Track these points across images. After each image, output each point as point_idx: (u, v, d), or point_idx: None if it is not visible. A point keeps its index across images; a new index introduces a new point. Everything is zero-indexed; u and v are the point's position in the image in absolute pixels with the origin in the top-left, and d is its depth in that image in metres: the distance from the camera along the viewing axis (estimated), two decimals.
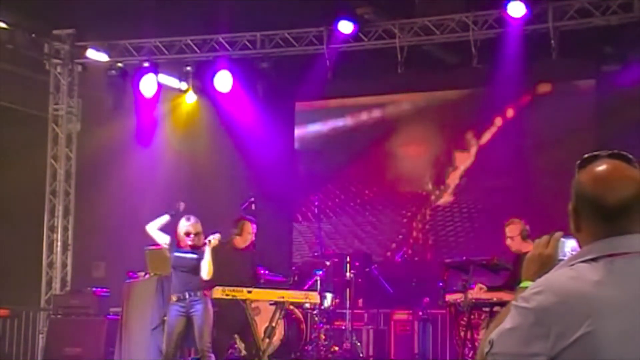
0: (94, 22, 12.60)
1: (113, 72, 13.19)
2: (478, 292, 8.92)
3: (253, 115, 14.04)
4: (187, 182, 14.79)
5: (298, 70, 13.28)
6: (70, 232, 13.43)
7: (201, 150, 15.26)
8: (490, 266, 9.37)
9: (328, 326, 11.35)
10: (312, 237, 14.37)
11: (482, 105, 14.42)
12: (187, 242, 8.94)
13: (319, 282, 11.15)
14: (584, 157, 2.26)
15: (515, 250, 8.90)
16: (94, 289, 12.02)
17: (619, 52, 12.36)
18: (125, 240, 12.31)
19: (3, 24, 12.22)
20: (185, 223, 8.98)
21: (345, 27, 12.44)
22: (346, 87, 14.46)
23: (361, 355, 11.55)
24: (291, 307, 10.59)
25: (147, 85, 13.13)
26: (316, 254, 12.42)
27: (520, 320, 2.10)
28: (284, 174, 15.28)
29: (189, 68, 13.40)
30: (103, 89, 13.29)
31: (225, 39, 13.17)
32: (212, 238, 8.81)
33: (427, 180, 14.97)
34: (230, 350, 10.24)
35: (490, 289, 8.97)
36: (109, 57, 13.45)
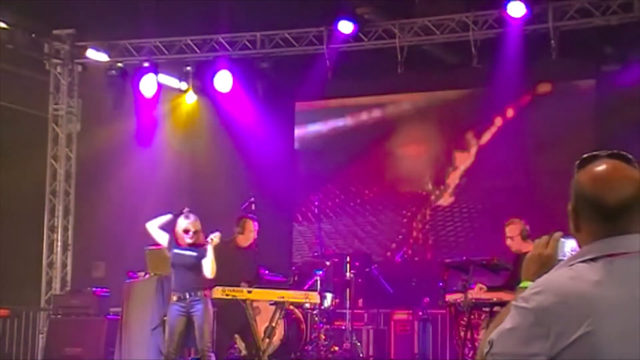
0: (94, 22, 12.60)
1: (113, 72, 13.19)
2: (478, 292, 8.92)
3: (253, 115, 14.03)
4: (187, 182, 14.81)
5: (298, 70, 13.28)
6: (70, 232, 13.42)
7: (201, 150, 15.26)
8: (490, 266, 9.37)
9: (328, 326, 11.34)
10: (312, 237, 14.36)
11: (482, 105, 14.42)
12: (185, 240, 8.88)
13: (319, 282, 11.15)
14: (583, 157, 2.26)
15: (515, 250, 8.90)
16: (94, 289, 12.01)
17: (619, 52, 12.37)
18: (125, 240, 12.31)
19: (3, 24, 12.21)
20: (184, 221, 8.94)
21: (345, 27, 12.43)
22: (346, 87, 14.45)
23: (361, 355, 11.55)
24: (291, 307, 10.59)
25: (147, 85, 13.12)
26: (316, 254, 12.41)
27: (519, 320, 2.10)
28: (284, 174, 15.27)
29: (189, 68, 13.40)
30: (103, 89, 13.28)
31: (225, 39, 13.17)
32: (214, 236, 8.79)
33: (427, 180, 14.97)
34: (231, 350, 10.25)
35: (490, 289, 8.97)
36: (109, 57, 13.45)
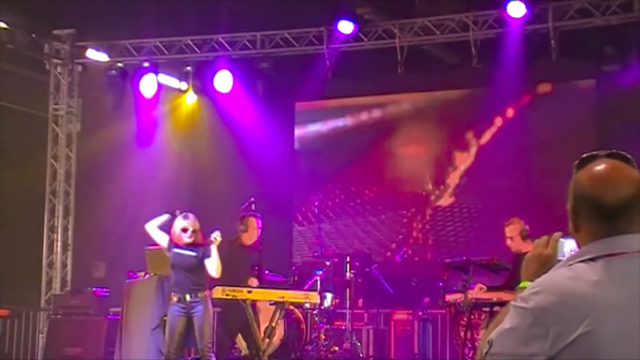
0: (94, 22, 12.60)
1: (113, 72, 13.19)
2: (478, 292, 8.92)
3: (253, 115, 14.03)
4: (187, 182, 14.81)
5: (298, 70, 13.27)
6: (70, 232, 13.42)
7: (201, 150, 15.27)
8: (490, 266, 9.37)
9: (328, 326, 11.34)
10: (312, 237, 14.35)
11: (482, 105, 14.42)
12: (184, 239, 8.82)
13: (319, 282, 11.14)
14: (582, 157, 2.26)
15: (515, 250, 8.90)
16: (94, 289, 12.02)
17: (619, 52, 12.37)
18: (125, 240, 12.31)
19: (3, 24, 12.21)
20: (182, 220, 8.91)
21: (345, 27, 12.43)
22: (346, 87, 14.44)
23: (361, 355, 11.54)
24: (291, 307, 10.59)
25: (147, 85, 13.12)
26: (316, 254, 12.41)
27: (518, 320, 2.10)
28: (284, 174, 15.27)
29: (189, 68, 13.40)
30: (103, 89, 13.28)
31: (225, 39, 13.17)
32: (216, 236, 8.76)
33: (427, 180, 14.96)
34: (231, 350, 10.26)
35: (490, 289, 8.97)
36: (109, 57, 13.45)
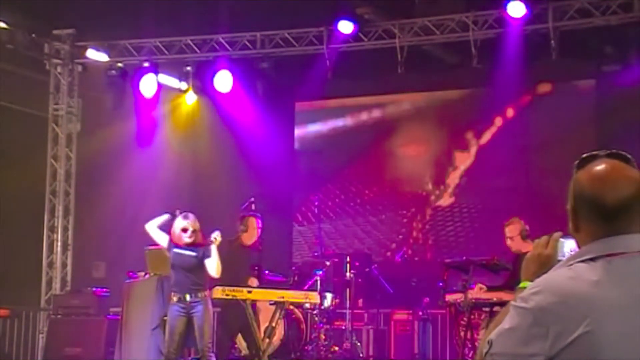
0: (94, 22, 12.60)
1: (113, 72, 13.19)
2: (478, 292, 8.92)
3: (253, 115, 14.03)
4: (187, 182, 14.81)
5: (298, 70, 13.27)
6: (70, 232, 13.42)
7: (201, 150, 15.27)
8: (490, 266, 9.36)
9: (328, 326, 11.34)
10: (312, 237, 14.35)
11: (482, 105, 14.42)
12: (184, 239, 8.82)
13: (319, 282, 11.14)
14: (582, 157, 2.26)
15: (515, 250, 8.89)
16: (94, 289, 12.01)
17: (619, 52, 12.37)
18: (125, 240, 12.31)
19: (3, 24, 12.21)
20: (182, 220, 8.90)
21: (345, 27, 12.43)
22: (346, 87, 14.45)
23: (361, 355, 11.54)
24: (291, 307, 10.59)
25: (147, 85, 13.12)
26: (316, 254, 12.40)
27: (518, 320, 2.10)
28: (284, 174, 15.27)
29: (189, 68, 13.40)
30: (103, 89, 13.28)
31: (225, 39, 13.17)
32: (216, 235, 8.76)
33: (427, 180, 14.96)
34: (231, 350, 10.26)
35: (490, 289, 8.97)
36: (109, 57, 13.45)
